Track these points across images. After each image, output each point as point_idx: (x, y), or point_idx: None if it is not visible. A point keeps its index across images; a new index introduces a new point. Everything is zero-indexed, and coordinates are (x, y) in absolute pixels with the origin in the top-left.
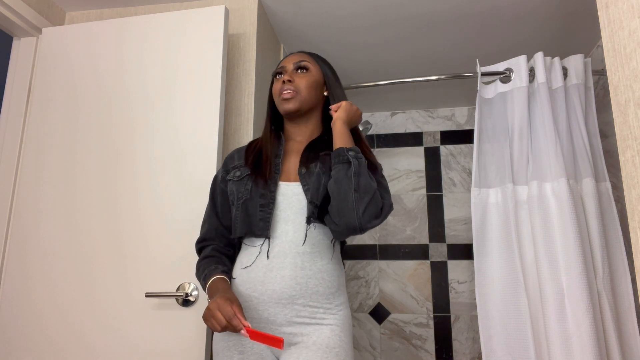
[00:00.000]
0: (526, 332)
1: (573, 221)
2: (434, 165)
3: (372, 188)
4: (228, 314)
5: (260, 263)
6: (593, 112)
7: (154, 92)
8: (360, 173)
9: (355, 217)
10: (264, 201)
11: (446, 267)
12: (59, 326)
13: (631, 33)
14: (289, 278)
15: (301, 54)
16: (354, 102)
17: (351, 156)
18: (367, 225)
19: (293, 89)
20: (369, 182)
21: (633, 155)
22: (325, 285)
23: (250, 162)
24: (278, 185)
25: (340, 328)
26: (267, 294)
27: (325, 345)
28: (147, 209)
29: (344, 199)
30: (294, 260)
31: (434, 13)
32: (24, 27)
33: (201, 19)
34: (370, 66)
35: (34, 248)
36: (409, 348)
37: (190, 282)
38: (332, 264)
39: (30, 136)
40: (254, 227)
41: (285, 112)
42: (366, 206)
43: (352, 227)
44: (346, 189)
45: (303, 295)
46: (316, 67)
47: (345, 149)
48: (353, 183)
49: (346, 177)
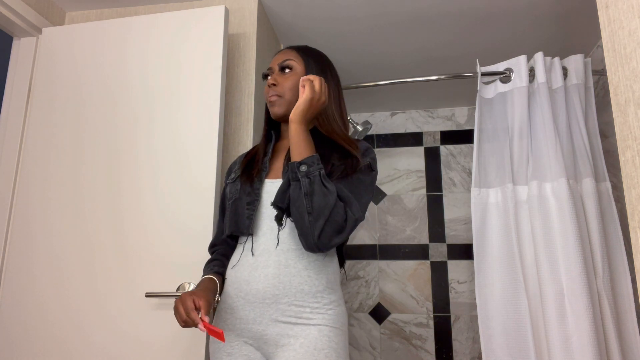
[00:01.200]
0: (526, 332)
1: (573, 221)
2: (434, 165)
3: (327, 207)
4: (187, 308)
5: (247, 262)
6: (593, 112)
7: (155, 92)
8: (312, 192)
9: (312, 240)
10: (249, 199)
11: (446, 267)
12: (61, 323)
13: (631, 33)
14: (272, 276)
15: (287, 51)
16: (354, 102)
17: (302, 174)
18: (327, 245)
19: (277, 92)
20: (322, 201)
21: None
22: (312, 283)
23: (244, 164)
24: (263, 183)
25: (330, 328)
26: (252, 294)
27: (313, 347)
28: (148, 209)
29: (301, 221)
30: (278, 258)
31: (433, 13)
32: (24, 27)
33: (201, 19)
34: (370, 66)
35: (36, 247)
36: (409, 348)
37: (190, 282)
38: (320, 261)
39: (31, 136)
40: (241, 225)
41: (273, 116)
42: (322, 229)
43: (311, 249)
44: (302, 211)
45: (287, 294)
46: (301, 64)
47: (297, 163)
48: (305, 205)
49: (299, 197)
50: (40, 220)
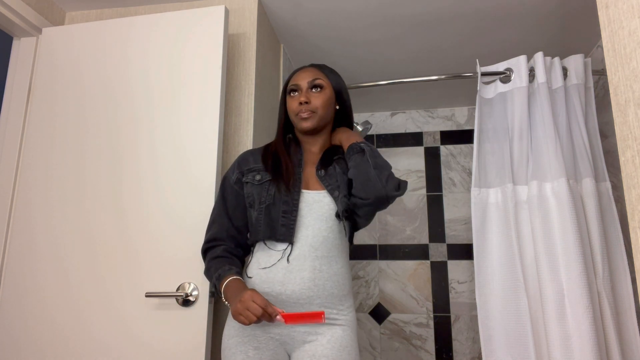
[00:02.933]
0: (526, 332)
1: (573, 221)
2: (434, 165)
3: (388, 165)
4: (263, 303)
5: (280, 265)
6: (593, 112)
7: (155, 92)
8: (375, 155)
9: (380, 186)
10: (287, 208)
11: (446, 267)
12: (62, 322)
13: (631, 33)
14: (308, 280)
15: (313, 70)
16: (354, 102)
17: (363, 145)
18: (392, 193)
19: (311, 109)
20: (384, 160)
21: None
22: (340, 287)
23: (271, 168)
24: (301, 194)
25: (351, 328)
26: (286, 294)
27: (339, 344)
28: (148, 209)
29: (366, 177)
30: (312, 263)
31: (433, 13)
32: (24, 27)
33: (201, 19)
34: (370, 66)
35: (37, 248)
36: (409, 348)
37: (190, 282)
38: (344, 268)
39: (31, 136)
40: (276, 232)
41: (303, 130)
42: (387, 178)
43: (379, 195)
44: (366, 168)
45: (320, 296)
46: (329, 83)
47: (357, 142)
48: (371, 163)
49: (363, 160)
50: (41, 221)
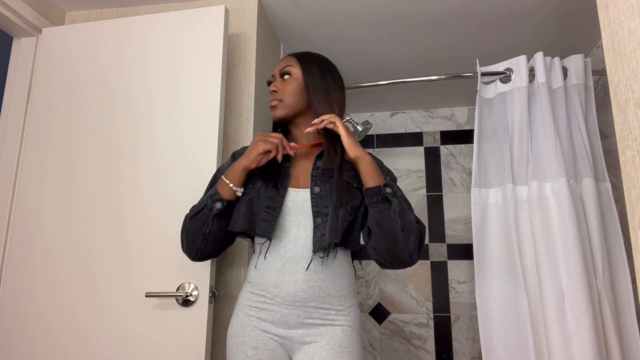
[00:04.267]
0: (526, 332)
1: (573, 221)
2: (434, 165)
3: (414, 224)
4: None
5: (273, 266)
6: (593, 112)
7: (155, 93)
8: (403, 211)
9: (407, 255)
10: (270, 204)
11: (446, 267)
12: (60, 323)
13: (631, 33)
14: (302, 281)
15: (287, 58)
16: (354, 102)
17: (389, 194)
18: (416, 261)
19: (277, 98)
20: (411, 218)
21: (633, 155)
22: (337, 287)
23: None
24: (288, 192)
25: (352, 329)
26: (281, 297)
27: (339, 345)
28: (148, 209)
29: (393, 239)
30: (306, 264)
31: (433, 13)
32: (24, 27)
33: (201, 19)
34: (371, 66)
35: (36, 247)
36: (409, 348)
37: (190, 282)
38: (343, 267)
39: (31, 136)
40: (255, 226)
41: (274, 119)
42: (414, 243)
43: (405, 263)
44: (394, 229)
45: (315, 298)
46: (299, 71)
47: (381, 186)
48: (399, 223)
49: (388, 218)
50: (40, 221)
